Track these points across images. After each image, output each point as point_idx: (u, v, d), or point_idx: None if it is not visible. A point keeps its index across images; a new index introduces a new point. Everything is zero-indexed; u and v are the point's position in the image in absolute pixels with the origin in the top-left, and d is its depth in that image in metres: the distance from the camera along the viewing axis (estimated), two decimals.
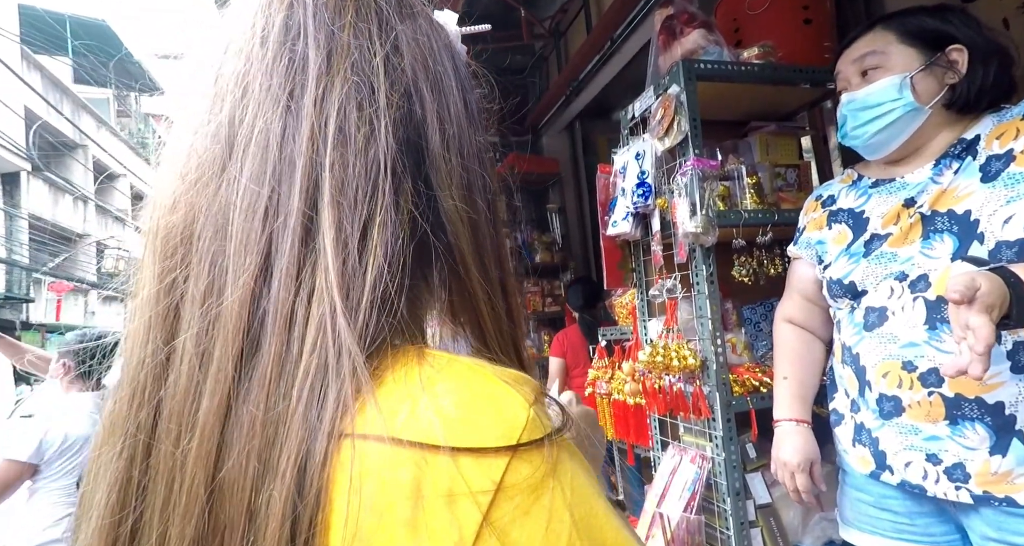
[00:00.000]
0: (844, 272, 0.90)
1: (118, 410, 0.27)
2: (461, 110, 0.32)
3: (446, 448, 0.21)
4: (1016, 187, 0.75)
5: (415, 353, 0.26)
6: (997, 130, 0.81)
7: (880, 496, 0.89)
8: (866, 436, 0.89)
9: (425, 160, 0.30)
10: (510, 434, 0.22)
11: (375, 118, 0.28)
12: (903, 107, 0.83)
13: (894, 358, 0.82)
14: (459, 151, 0.31)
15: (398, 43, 0.31)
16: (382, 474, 0.21)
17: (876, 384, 0.85)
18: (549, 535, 0.21)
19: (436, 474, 0.21)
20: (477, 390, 0.23)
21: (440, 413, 0.22)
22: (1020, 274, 0.67)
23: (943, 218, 0.80)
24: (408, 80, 0.30)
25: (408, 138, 0.30)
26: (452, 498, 0.21)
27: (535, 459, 0.22)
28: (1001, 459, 0.75)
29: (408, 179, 0.29)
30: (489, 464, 0.21)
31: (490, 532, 0.21)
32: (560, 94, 3.17)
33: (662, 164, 1.33)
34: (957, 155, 0.83)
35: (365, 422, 0.22)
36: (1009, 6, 1.36)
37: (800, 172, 1.45)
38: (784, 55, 1.38)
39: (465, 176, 0.31)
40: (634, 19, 2.34)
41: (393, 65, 0.30)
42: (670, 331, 1.31)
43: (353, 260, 0.26)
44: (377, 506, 0.21)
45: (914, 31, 0.85)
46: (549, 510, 0.21)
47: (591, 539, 0.22)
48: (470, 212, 0.30)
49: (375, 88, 0.29)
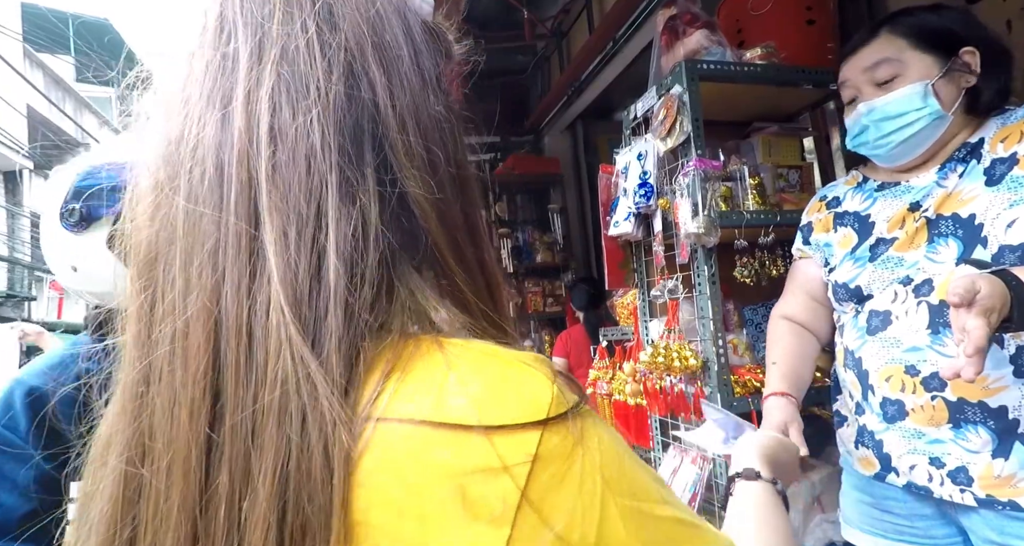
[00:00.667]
0: (850, 276, 0.89)
1: (112, 426, 0.28)
2: (415, 80, 0.30)
3: (479, 428, 0.22)
4: (1019, 191, 0.74)
5: (430, 341, 0.26)
6: (1001, 133, 0.80)
7: (882, 498, 0.89)
8: (869, 439, 0.89)
9: (381, 143, 0.28)
10: (539, 410, 0.23)
11: (309, 108, 0.27)
12: (929, 116, 0.81)
13: (897, 362, 0.82)
14: (416, 127, 0.29)
15: (335, 18, 0.29)
16: (419, 456, 0.22)
17: (879, 388, 0.85)
18: (583, 497, 0.23)
19: (473, 453, 0.22)
20: (501, 372, 0.24)
21: (470, 395, 0.23)
22: (1022, 277, 0.66)
23: (948, 222, 0.80)
24: (350, 58, 0.28)
25: (356, 122, 0.28)
26: (490, 474, 0.22)
27: (563, 431, 0.23)
28: (1004, 463, 0.74)
29: (363, 166, 0.27)
30: (522, 439, 0.22)
31: (528, 502, 0.22)
32: (562, 94, 3.17)
33: (664, 164, 1.33)
34: (962, 159, 0.83)
35: (393, 408, 0.23)
36: (1013, 8, 1.35)
37: (802, 173, 1.45)
38: (787, 56, 1.38)
39: (424, 154, 0.29)
40: (637, 19, 2.34)
41: (328, 44, 0.28)
42: (671, 332, 1.31)
43: (304, 264, 0.25)
44: (416, 487, 0.22)
45: (925, 35, 0.83)
46: (581, 475, 0.23)
47: (623, 494, 0.24)
48: (434, 191, 0.28)
49: (307, 75, 0.27)
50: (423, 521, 0.22)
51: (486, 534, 0.21)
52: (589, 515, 0.23)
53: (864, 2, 1.60)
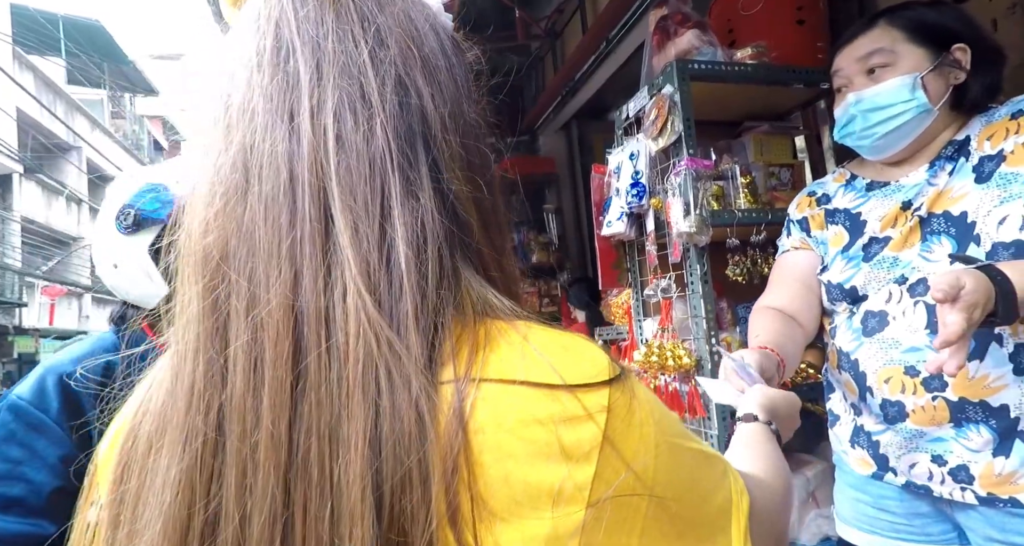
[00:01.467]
0: (844, 276, 0.89)
1: (170, 418, 0.30)
2: (453, 88, 0.34)
3: (565, 386, 0.28)
4: (1008, 187, 0.75)
5: (504, 322, 0.30)
6: (987, 131, 0.81)
7: (879, 497, 0.89)
8: (865, 439, 0.89)
9: (429, 145, 0.32)
10: (603, 372, 0.29)
11: (370, 118, 0.30)
12: (916, 108, 0.81)
13: (896, 363, 0.81)
14: (457, 130, 0.33)
15: (382, 36, 0.32)
16: (519, 408, 0.27)
17: (878, 390, 0.84)
18: (644, 438, 0.29)
19: (562, 405, 0.27)
20: (568, 343, 0.30)
21: (552, 362, 0.28)
22: (1007, 272, 0.67)
23: (940, 220, 0.80)
24: (399, 71, 0.32)
25: (409, 127, 0.31)
26: (578, 421, 0.27)
27: (622, 387, 0.29)
28: (1005, 461, 0.74)
29: (419, 165, 0.31)
30: (598, 394, 0.28)
31: (608, 441, 0.28)
32: (556, 94, 3.18)
33: (656, 164, 1.34)
34: (950, 157, 0.83)
35: (490, 371, 0.28)
36: (999, 7, 1.37)
37: (794, 172, 1.46)
38: (777, 55, 1.39)
39: (464, 154, 0.33)
40: (629, 20, 2.35)
41: (380, 59, 0.32)
42: (665, 331, 1.31)
43: (376, 255, 0.29)
44: (520, 433, 0.27)
45: (921, 29, 0.83)
46: (640, 421, 0.29)
47: (666, 433, 0.30)
48: (472, 189, 0.33)
49: (365, 88, 0.31)
50: (525, 460, 0.26)
51: (577, 469, 0.27)
52: (648, 450, 0.29)
53: (855, 2, 1.61)
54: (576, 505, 0.26)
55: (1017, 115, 0.79)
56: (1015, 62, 1.39)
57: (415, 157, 0.31)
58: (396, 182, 0.30)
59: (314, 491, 0.26)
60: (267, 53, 0.32)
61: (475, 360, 0.28)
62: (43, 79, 9.53)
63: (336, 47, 0.31)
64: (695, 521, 0.31)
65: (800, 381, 1.29)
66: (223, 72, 0.34)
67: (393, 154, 0.30)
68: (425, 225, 0.30)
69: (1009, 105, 0.81)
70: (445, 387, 0.27)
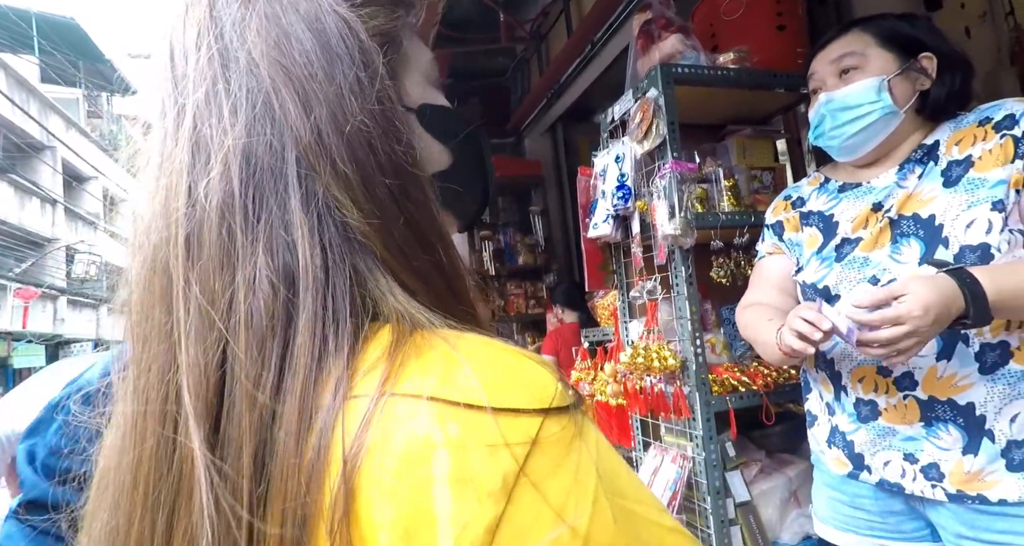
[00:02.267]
0: (817, 276, 0.91)
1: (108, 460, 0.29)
2: (330, 92, 0.29)
3: (488, 408, 0.23)
4: (976, 192, 0.77)
5: (433, 333, 0.27)
6: (955, 136, 0.83)
7: (854, 496, 0.91)
8: (840, 439, 0.91)
9: (306, 171, 0.28)
10: (543, 399, 0.24)
11: (214, 165, 0.28)
12: (881, 109, 0.85)
13: (869, 363, 0.83)
14: (341, 144, 0.28)
15: (238, 56, 0.29)
16: (423, 429, 0.23)
17: (852, 389, 0.87)
18: (578, 486, 0.23)
19: (478, 429, 0.23)
20: (508, 361, 0.26)
21: (479, 380, 0.24)
22: (980, 276, 0.69)
23: (909, 222, 0.82)
24: (256, 95, 0.29)
25: (270, 160, 0.28)
26: (493, 449, 0.23)
27: (564, 421, 0.24)
28: (973, 458, 0.77)
29: (285, 200, 0.28)
30: (525, 422, 0.23)
31: (526, 480, 0.23)
32: (542, 97, 3.19)
33: (641, 167, 1.35)
34: (919, 160, 0.86)
35: (400, 386, 0.24)
36: (971, 16, 1.41)
37: (776, 174, 1.48)
38: (759, 60, 1.41)
39: (354, 170, 0.28)
40: (613, 23, 2.37)
41: (231, 92, 0.29)
42: (651, 332, 1.32)
43: (212, 324, 0.27)
44: (417, 457, 0.23)
45: (891, 36, 0.87)
46: (577, 465, 0.24)
47: (614, 492, 0.24)
48: (373, 214, 0.28)
49: (212, 133, 0.29)
50: (419, 488, 0.22)
51: (477, 510, 0.22)
52: (583, 504, 0.23)
53: (833, 8, 1.65)
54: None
55: (984, 122, 0.81)
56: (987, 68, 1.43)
57: (282, 190, 0.28)
58: (239, 234, 0.27)
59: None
60: (155, 109, 0.31)
61: (388, 373, 0.25)
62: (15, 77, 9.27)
63: (192, 90, 0.29)
64: None
65: (783, 381, 1.31)
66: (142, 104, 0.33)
67: (239, 199, 0.27)
68: (282, 268, 0.27)
69: (976, 112, 0.84)
70: (353, 402, 0.24)
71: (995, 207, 0.75)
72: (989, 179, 0.77)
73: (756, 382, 1.28)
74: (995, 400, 0.76)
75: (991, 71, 1.42)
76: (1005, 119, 0.79)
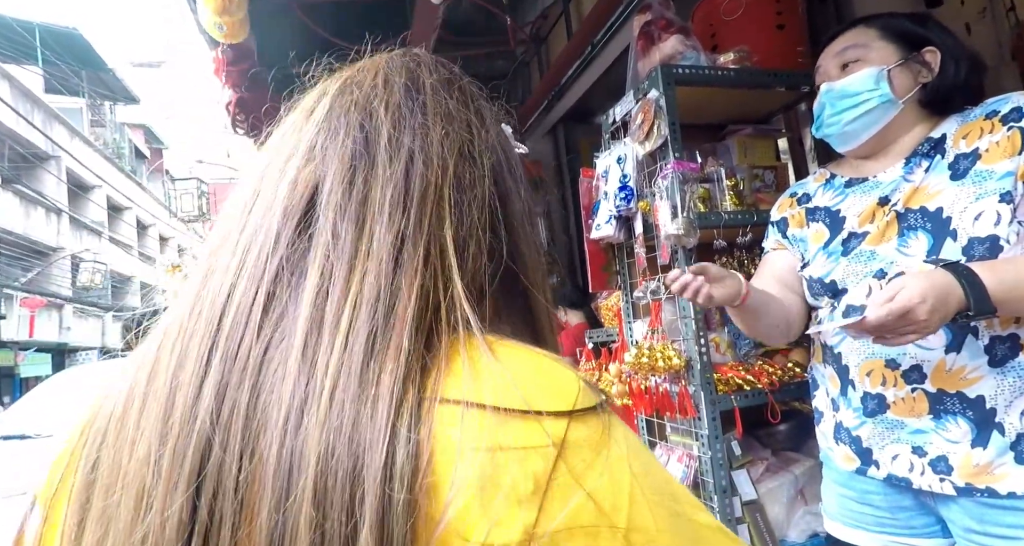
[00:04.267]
0: (824, 271, 0.91)
1: None
2: (518, 186, 0.40)
3: (517, 410, 0.24)
4: (983, 184, 0.77)
5: (477, 339, 0.28)
6: (963, 130, 0.84)
7: (863, 492, 0.90)
8: (846, 435, 0.90)
9: (505, 219, 0.36)
10: (567, 401, 0.25)
11: (465, 200, 0.34)
12: (879, 98, 0.85)
13: (877, 356, 0.84)
14: (521, 213, 0.38)
15: (483, 147, 0.37)
16: (470, 434, 0.24)
17: (860, 383, 0.86)
18: (612, 484, 0.24)
19: (510, 430, 0.24)
20: (535, 366, 0.27)
21: (507, 383, 0.25)
22: (976, 268, 0.69)
23: (916, 215, 0.82)
24: (494, 164, 0.37)
25: (493, 208, 0.35)
26: (525, 450, 0.23)
27: (591, 422, 0.25)
28: (982, 451, 0.76)
29: (495, 231, 0.35)
30: (553, 424, 0.24)
31: (557, 482, 0.23)
32: (542, 99, 3.19)
33: (643, 167, 1.35)
34: (926, 154, 0.86)
35: (448, 391, 0.25)
36: (971, 12, 1.41)
37: (777, 173, 1.48)
38: (759, 59, 1.41)
39: (528, 230, 0.39)
40: (613, 24, 2.38)
41: (483, 161, 0.36)
42: (655, 332, 1.32)
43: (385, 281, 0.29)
44: (467, 459, 0.23)
45: (894, 29, 0.88)
46: (609, 462, 0.24)
47: (650, 488, 0.25)
48: (528, 253, 0.38)
49: (475, 173, 0.35)
50: (464, 492, 0.23)
51: (512, 513, 0.22)
52: (619, 501, 0.23)
53: (832, 7, 1.65)
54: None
55: (991, 115, 0.81)
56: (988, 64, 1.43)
57: (497, 223, 0.35)
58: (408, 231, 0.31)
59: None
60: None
61: (431, 381, 0.26)
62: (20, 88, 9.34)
63: (459, 160, 0.35)
64: None
65: (787, 379, 1.30)
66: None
67: (485, 223, 0.34)
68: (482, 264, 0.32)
69: (983, 106, 0.84)
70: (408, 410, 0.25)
71: (1003, 199, 0.75)
72: (997, 171, 0.77)
73: (761, 380, 1.28)
74: (1005, 393, 0.76)
75: (992, 67, 1.42)
76: (1012, 112, 0.79)
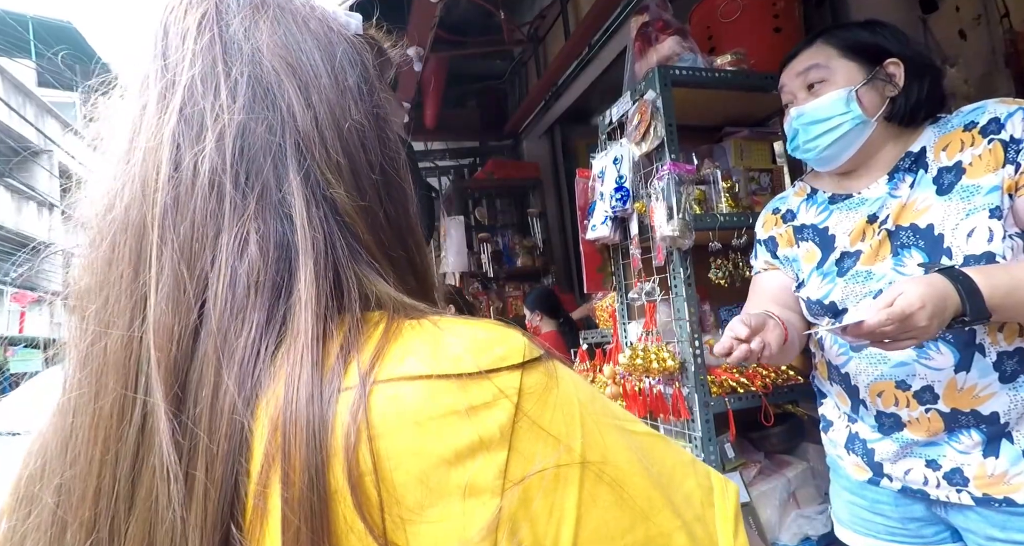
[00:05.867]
0: (822, 293, 0.90)
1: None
2: (333, 95, 0.32)
3: (478, 372, 0.27)
4: (971, 200, 0.77)
5: (414, 318, 0.29)
6: (941, 141, 0.83)
7: (874, 501, 0.89)
8: (861, 447, 0.89)
9: (304, 155, 0.31)
10: (516, 355, 0.28)
11: (206, 141, 0.29)
12: (852, 120, 0.85)
13: (887, 378, 0.82)
14: (337, 138, 0.31)
15: (243, 53, 0.31)
16: (424, 403, 0.26)
17: (872, 403, 0.85)
18: (565, 417, 0.28)
19: (471, 391, 0.26)
20: (481, 331, 0.29)
21: (460, 350, 0.27)
22: (971, 273, 0.69)
23: (907, 232, 0.82)
24: (258, 85, 0.31)
25: (267, 143, 0.30)
26: (490, 404, 0.26)
27: (540, 369, 0.28)
28: (995, 461, 0.76)
29: (281, 181, 0.30)
30: (508, 377, 0.27)
31: (521, 423, 0.26)
32: (539, 99, 3.19)
33: (639, 169, 1.35)
34: (908, 169, 0.85)
35: (394, 369, 0.26)
36: (966, 18, 1.42)
37: (773, 176, 1.48)
38: (756, 62, 1.41)
39: (346, 162, 0.31)
40: (611, 25, 2.38)
41: (232, 76, 0.31)
42: (649, 334, 1.32)
43: (188, 293, 0.28)
44: (424, 430, 0.25)
45: (853, 45, 0.87)
46: (559, 400, 0.28)
47: (596, 413, 0.29)
48: (358, 199, 0.31)
49: (205, 111, 0.30)
50: (431, 457, 0.25)
51: (488, 457, 0.25)
52: (572, 426, 0.27)
53: (828, 10, 1.65)
54: (488, 494, 0.25)
55: (970, 127, 0.80)
56: (982, 70, 1.44)
57: (276, 173, 0.30)
58: (227, 207, 0.28)
59: None
60: (134, 87, 0.32)
61: (377, 360, 0.27)
62: (12, 81, 9.25)
63: (187, 71, 0.31)
64: (653, 508, 0.28)
65: (781, 382, 1.31)
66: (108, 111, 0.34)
67: (228, 176, 0.29)
68: (272, 243, 0.28)
69: (959, 116, 0.83)
70: (345, 394, 0.26)
71: (993, 215, 0.74)
72: (983, 185, 0.76)
73: (755, 383, 1.28)
74: (1018, 407, 0.76)
75: (986, 73, 1.43)
76: (990, 123, 0.78)
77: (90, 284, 0.30)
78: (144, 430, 0.26)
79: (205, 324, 0.27)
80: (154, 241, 0.28)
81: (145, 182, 0.29)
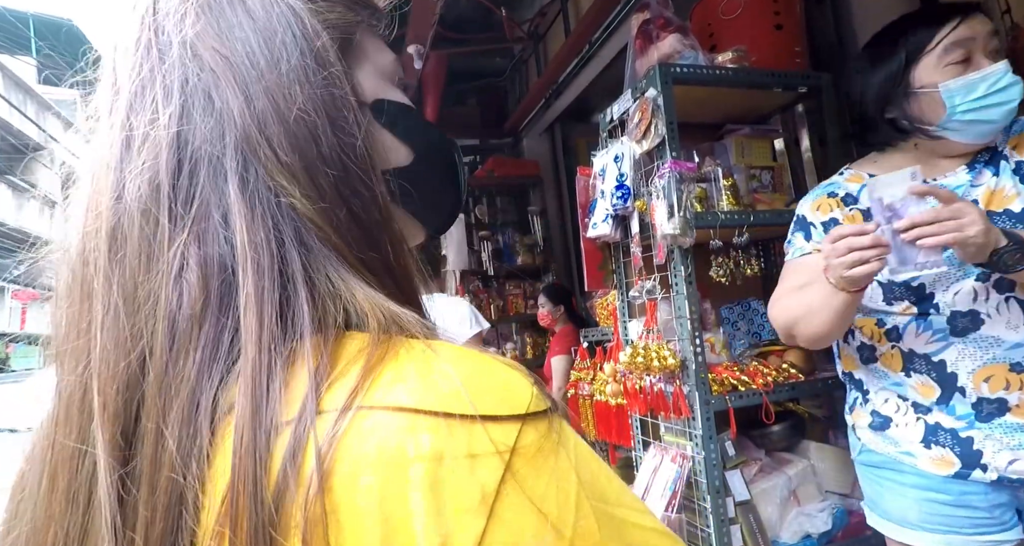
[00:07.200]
0: (910, 275, 0.86)
1: None
2: (273, 82, 0.28)
3: (465, 416, 0.23)
4: None
5: (406, 339, 0.26)
6: (1012, 141, 0.86)
7: (960, 494, 0.86)
8: (948, 437, 0.86)
9: (247, 157, 0.28)
10: (520, 405, 0.24)
11: (143, 158, 0.27)
12: (1019, 96, 0.83)
13: (1000, 361, 0.81)
14: (283, 135, 0.28)
15: (174, 54, 0.29)
16: (396, 443, 0.22)
17: (975, 389, 0.83)
18: (560, 493, 0.23)
19: (457, 438, 0.22)
20: (483, 368, 0.25)
21: (454, 386, 0.23)
22: None
23: (1002, 217, 0.82)
24: (189, 88, 0.28)
25: (202, 150, 0.27)
26: (473, 459, 0.22)
27: (541, 427, 0.24)
28: None
29: (220, 189, 0.27)
30: (503, 429, 0.23)
31: (507, 489, 0.22)
32: (540, 97, 3.19)
33: (640, 166, 1.35)
34: (987, 162, 0.87)
35: (375, 395, 0.23)
36: None
37: (774, 174, 1.48)
38: (757, 60, 1.41)
39: (298, 161, 0.28)
40: (612, 23, 2.37)
41: (165, 85, 0.29)
42: (650, 332, 1.32)
43: (133, 320, 0.26)
44: (392, 473, 0.22)
45: (994, 32, 0.86)
46: (557, 470, 0.23)
47: (596, 497, 0.24)
48: (317, 201, 0.28)
49: (141, 125, 0.28)
50: (396, 504, 0.21)
51: (463, 523, 0.21)
52: (566, 509, 0.23)
53: (829, 8, 1.65)
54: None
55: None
56: None
57: (215, 181, 0.27)
58: (166, 226, 0.26)
59: None
60: (100, 104, 0.31)
61: (361, 385, 0.23)
62: (13, 79, 9.25)
63: (130, 83, 0.29)
64: None
65: (782, 380, 1.31)
66: None
67: (165, 190, 0.27)
68: (211, 260, 0.26)
69: (1020, 123, 0.87)
70: (322, 417, 0.22)
71: None
72: None
73: (755, 381, 1.28)
74: None
75: None
76: None
77: (56, 318, 0.29)
78: (93, 483, 0.24)
79: (148, 366, 0.25)
80: (99, 275, 0.27)
81: (94, 211, 0.28)
